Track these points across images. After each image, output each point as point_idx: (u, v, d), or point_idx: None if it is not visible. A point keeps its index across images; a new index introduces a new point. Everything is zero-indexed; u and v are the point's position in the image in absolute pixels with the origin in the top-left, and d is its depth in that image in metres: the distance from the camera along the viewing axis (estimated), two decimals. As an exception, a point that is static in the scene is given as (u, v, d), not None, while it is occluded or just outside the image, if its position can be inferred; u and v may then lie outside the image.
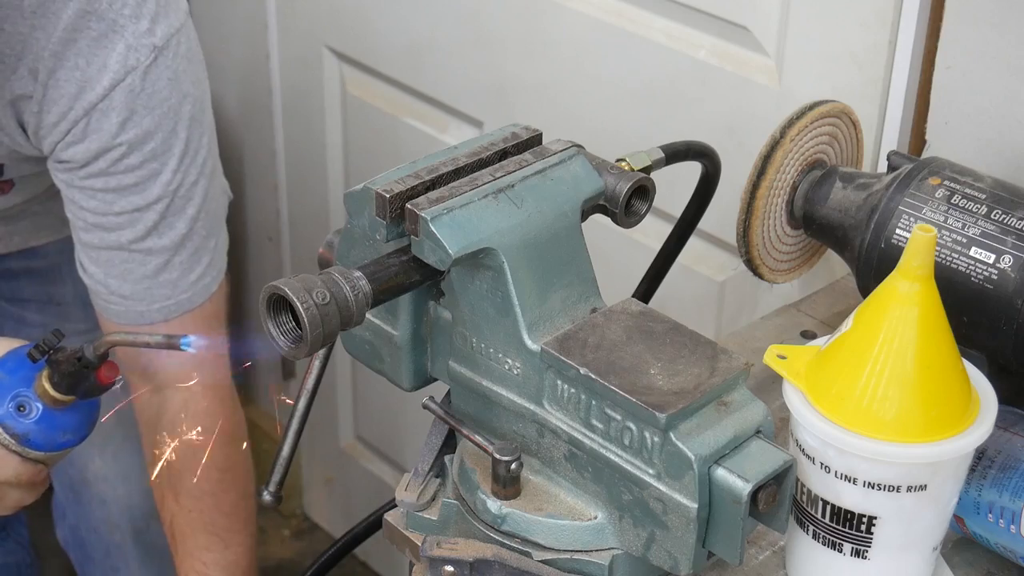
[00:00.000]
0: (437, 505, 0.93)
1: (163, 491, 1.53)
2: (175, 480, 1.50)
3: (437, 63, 1.78)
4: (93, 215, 1.36)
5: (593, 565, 0.86)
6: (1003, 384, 0.93)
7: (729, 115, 1.43)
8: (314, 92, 2.01)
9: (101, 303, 1.42)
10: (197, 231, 1.40)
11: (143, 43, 1.29)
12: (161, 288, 1.40)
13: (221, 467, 1.51)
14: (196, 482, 1.49)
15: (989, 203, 1.00)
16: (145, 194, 1.35)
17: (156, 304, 1.41)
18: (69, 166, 1.33)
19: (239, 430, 1.56)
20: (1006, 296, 0.97)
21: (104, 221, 1.36)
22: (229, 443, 1.52)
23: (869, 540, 0.87)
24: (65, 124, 1.30)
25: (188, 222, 1.38)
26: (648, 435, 0.81)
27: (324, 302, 0.80)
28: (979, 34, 1.21)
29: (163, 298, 1.41)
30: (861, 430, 0.84)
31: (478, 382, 0.90)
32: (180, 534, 1.54)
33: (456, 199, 0.86)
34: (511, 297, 0.86)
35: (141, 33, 1.28)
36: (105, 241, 1.37)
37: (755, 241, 1.11)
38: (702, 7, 1.44)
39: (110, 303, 1.41)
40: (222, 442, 1.50)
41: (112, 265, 1.38)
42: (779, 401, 0.90)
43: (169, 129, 1.33)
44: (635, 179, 0.92)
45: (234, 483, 1.53)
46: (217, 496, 1.52)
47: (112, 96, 1.29)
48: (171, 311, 1.41)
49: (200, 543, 1.53)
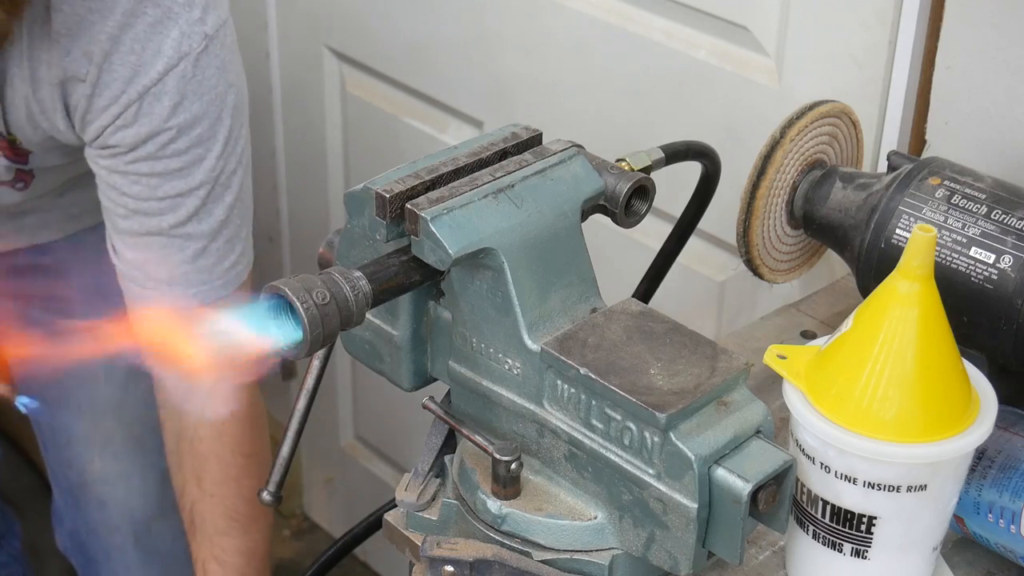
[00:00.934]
0: (437, 505, 0.93)
1: (185, 478, 1.54)
2: (199, 465, 1.52)
3: (437, 63, 1.78)
4: (135, 201, 1.38)
5: (593, 565, 0.86)
6: (1003, 384, 0.93)
7: (729, 115, 1.43)
8: (314, 92, 2.01)
9: (136, 290, 1.44)
10: (233, 219, 1.43)
11: (195, 31, 1.32)
12: (198, 274, 1.42)
13: (246, 452, 1.53)
14: (221, 467, 1.51)
15: (989, 203, 1.00)
16: (188, 179, 1.37)
17: (192, 289, 1.43)
18: (115, 151, 1.36)
19: (262, 417, 1.58)
20: (1006, 296, 0.97)
21: (146, 207, 1.38)
22: (253, 428, 1.54)
23: (869, 540, 0.87)
24: (116, 108, 1.32)
25: (226, 209, 1.42)
26: (648, 435, 0.81)
27: (324, 302, 0.80)
28: (979, 34, 1.21)
29: (199, 283, 1.43)
30: (861, 430, 0.84)
31: (478, 382, 0.90)
32: (200, 520, 1.55)
33: (456, 199, 0.86)
34: (511, 297, 0.86)
35: (194, 21, 1.32)
36: (145, 227, 1.40)
37: (755, 241, 1.11)
38: (702, 7, 1.44)
39: (146, 288, 1.43)
40: (246, 427, 1.52)
41: (151, 250, 1.41)
42: (779, 401, 0.90)
43: (215, 116, 1.36)
44: (635, 179, 0.92)
45: (257, 469, 1.54)
46: (240, 481, 1.53)
47: (165, 81, 1.32)
48: (206, 296, 1.43)
49: (220, 528, 1.55)
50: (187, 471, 1.53)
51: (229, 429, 1.50)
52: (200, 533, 1.56)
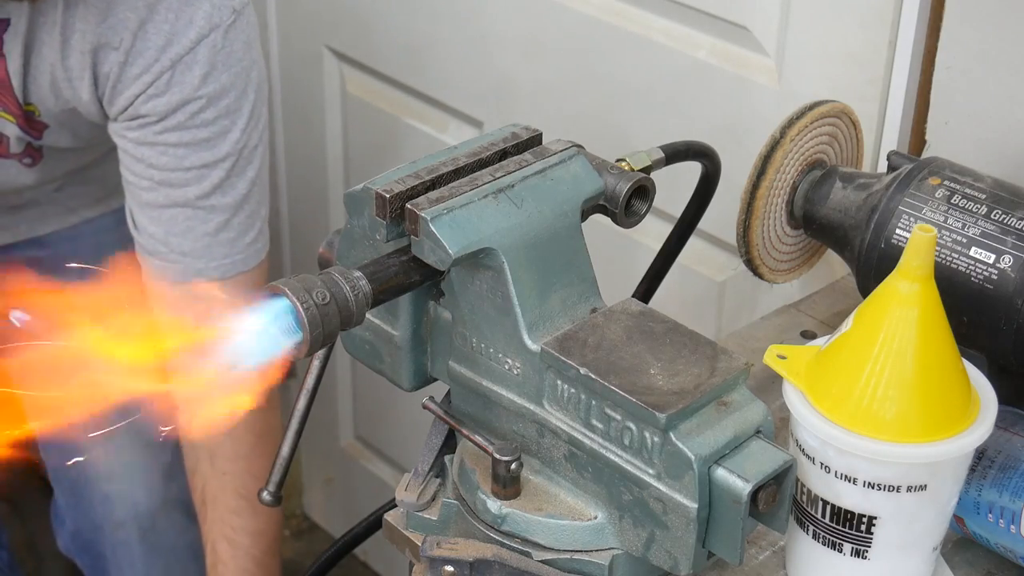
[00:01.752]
0: (437, 505, 0.93)
1: (197, 457, 1.56)
2: (213, 443, 1.54)
3: (437, 63, 1.78)
4: (161, 172, 1.42)
5: (593, 565, 0.86)
6: (1003, 384, 0.93)
7: (729, 115, 1.43)
8: (314, 92, 2.01)
9: (157, 263, 1.46)
10: (253, 195, 1.48)
11: (225, 4, 1.38)
12: (220, 246, 1.46)
13: (258, 431, 1.55)
14: (234, 445, 1.54)
15: (989, 203, 1.00)
16: (215, 150, 1.42)
17: (214, 262, 1.46)
18: (146, 120, 1.40)
19: (274, 397, 1.60)
20: (1006, 296, 0.97)
21: (172, 177, 1.42)
22: (266, 408, 1.56)
23: (869, 540, 0.87)
24: (149, 76, 1.37)
25: (248, 184, 1.46)
26: (648, 435, 0.81)
27: (324, 302, 0.80)
28: (979, 34, 1.21)
29: (221, 256, 1.47)
30: (861, 430, 0.84)
31: (478, 382, 0.90)
32: (212, 499, 1.57)
33: (456, 199, 0.86)
34: (511, 297, 0.86)
35: None
36: (171, 198, 1.43)
37: (755, 241, 1.11)
38: (702, 7, 1.44)
39: (168, 261, 1.46)
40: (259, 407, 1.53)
41: (175, 222, 1.44)
42: (779, 401, 0.90)
43: (241, 89, 1.42)
44: (635, 179, 0.92)
45: (268, 449, 1.56)
46: (251, 460, 1.55)
47: (197, 50, 1.37)
48: (227, 270, 1.47)
49: (231, 506, 1.57)
50: (200, 449, 1.55)
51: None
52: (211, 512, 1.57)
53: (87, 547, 1.76)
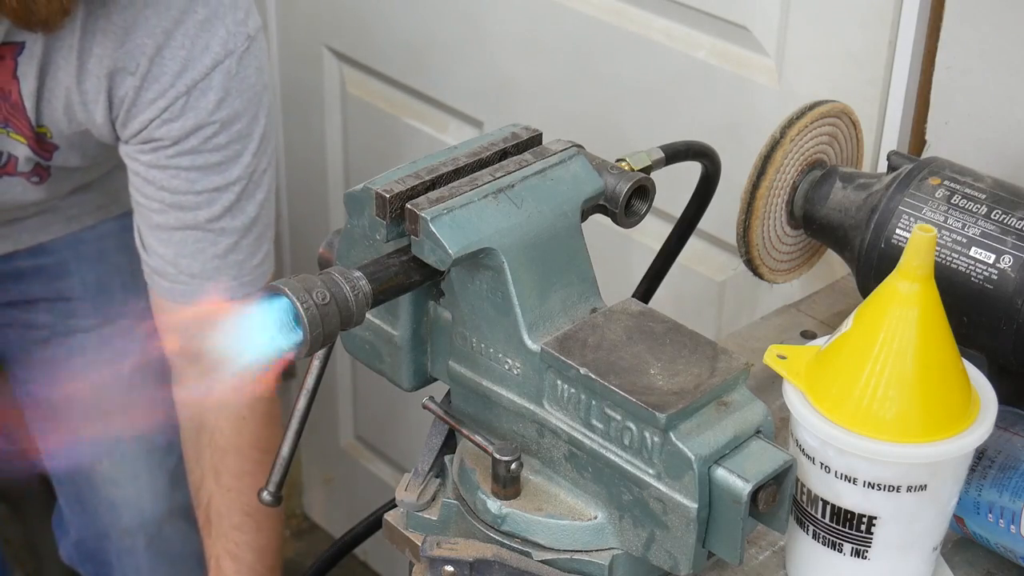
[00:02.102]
0: (437, 505, 0.93)
1: (203, 473, 1.56)
2: (219, 459, 1.54)
3: (437, 63, 1.78)
4: (172, 195, 1.43)
5: (593, 565, 0.86)
6: (1003, 384, 0.93)
7: (729, 115, 1.43)
8: (314, 92, 2.01)
9: (166, 284, 1.47)
10: (262, 218, 1.49)
11: (240, 31, 1.39)
12: (229, 268, 1.47)
13: (262, 448, 1.55)
14: (239, 461, 1.54)
15: (989, 203, 1.00)
16: (226, 174, 1.43)
17: (223, 284, 1.47)
18: (158, 144, 1.40)
19: (277, 415, 1.60)
20: (1006, 296, 0.97)
21: (184, 200, 1.43)
22: (270, 425, 1.56)
23: (869, 540, 0.87)
24: (164, 101, 1.38)
25: (257, 207, 1.47)
26: (648, 435, 0.81)
27: (324, 302, 0.80)
28: (979, 34, 1.21)
29: (229, 278, 1.48)
30: (861, 430, 0.84)
31: (478, 382, 0.90)
32: (216, 515, 1.57)
33: (456, 199, 0.86)
34: (511, 297, 0.86)
35: (238, 22, 1.39)
36: (181, 221, 1.44)
37: (755, 241, 1.11)
38: (702, 7, 1.44)
39: (177, 283, 1.47)
40: (264, 423, 1.56)
41: (185, 245, 1.45)
42: (779, 401, 0.90)
43: (252, 114, 1.43)
44: (635, 179, 0.92)
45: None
46: (255, 476, 1.55)
47: (212, 76, 1.38)
48: (235, 292, 1.48)
49: (235, 523, 1.57)
50: (206, 465, 1.55)
51: (248, 423, 1.53)
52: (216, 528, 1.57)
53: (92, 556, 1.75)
